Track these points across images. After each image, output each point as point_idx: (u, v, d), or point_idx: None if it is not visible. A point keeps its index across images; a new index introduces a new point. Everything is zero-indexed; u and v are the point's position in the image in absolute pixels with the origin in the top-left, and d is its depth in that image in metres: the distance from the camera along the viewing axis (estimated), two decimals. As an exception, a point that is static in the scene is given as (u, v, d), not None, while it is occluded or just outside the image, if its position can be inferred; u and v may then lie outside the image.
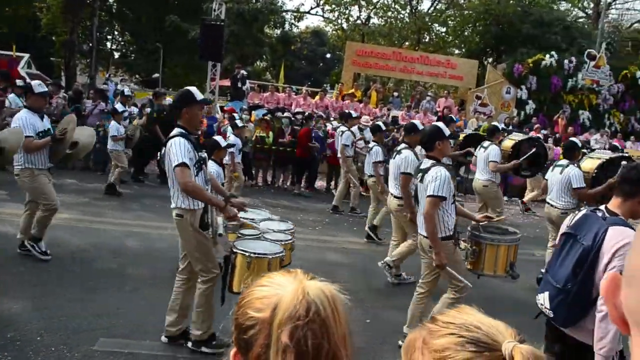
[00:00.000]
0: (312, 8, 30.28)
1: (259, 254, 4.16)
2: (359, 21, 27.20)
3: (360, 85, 20.70)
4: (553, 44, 23.47)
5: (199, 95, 4.45)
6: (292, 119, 14.01)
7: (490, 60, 26.09)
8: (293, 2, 63.86)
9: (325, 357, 1.08)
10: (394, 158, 6.61)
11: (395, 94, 21.51)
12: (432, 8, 27.68)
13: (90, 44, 26.11)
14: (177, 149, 4.17)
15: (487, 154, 8.54)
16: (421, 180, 4.67)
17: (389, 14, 26.67)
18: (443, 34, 27.50)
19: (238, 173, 10.37)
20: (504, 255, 5.00)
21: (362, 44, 23.09)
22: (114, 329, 4.79)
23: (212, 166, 5.97)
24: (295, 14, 31.31)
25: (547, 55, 20.14)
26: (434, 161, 4.69)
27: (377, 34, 26.25)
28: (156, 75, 24.76)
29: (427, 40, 27.01)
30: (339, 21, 27.90)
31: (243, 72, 17.42)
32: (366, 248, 8.61)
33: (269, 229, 4.81)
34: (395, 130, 15.10)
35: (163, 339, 4.58)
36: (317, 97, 17.45)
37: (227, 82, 19.71)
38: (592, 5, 32.34)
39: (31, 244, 6.28)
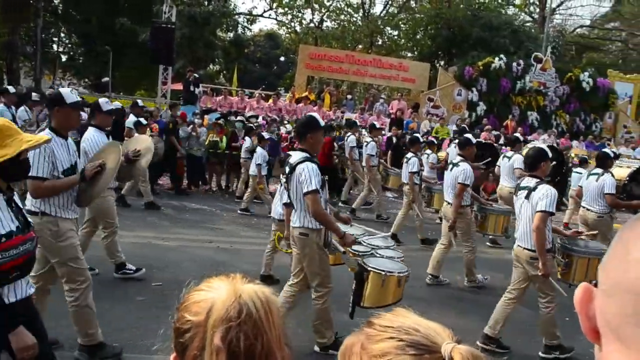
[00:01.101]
0: (265, 11, 30.14)
1: (391, 272, 4.50)
2: (312, 24, 27.20)
3: (314, 88, 20.71)
4: (502, 47, 24.04)
5: (322, 122, 4.94)
6: (246, 122, 13.87)
7: (442, 63, 26.51)
8: (246, 5, 63.48)
9: (259, 358, 1.11)
10: (451, 170, 7.18)
11: (349, 96, 21.58)
12: (384, 12, 27.94)
13: (35, 46, 25.25)
14: (310, 175, 4.44)
15: (511, 163, 9.46)
16: (527, 197, 5.08)
17: (342, 17, 26.78)
18: (395, 37, 27.77)
19: (263, 185, 10.76)
20: (593, 266, 5.37)
21: (315, 47, 23.08)
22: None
23: None
24: (248, 17, 31.14)
25: (497, 58, 20.58)
26: (538, 179, 5.13)
27: (330, 37, 26.29)
28: (106, 79, 24.09)
29: (380, 43, 27.21)
30: (292, 24, 27.87)
31: (195, 75, 17.15)
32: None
33: (374, 245, 5.14)
34: (352, 132, 15.14)
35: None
36: (271, 101, 17.34)
37: (179, 86, 19.37)
38: (537, 10, 33.31)
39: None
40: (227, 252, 7.96)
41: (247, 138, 11.91)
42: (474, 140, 7.60)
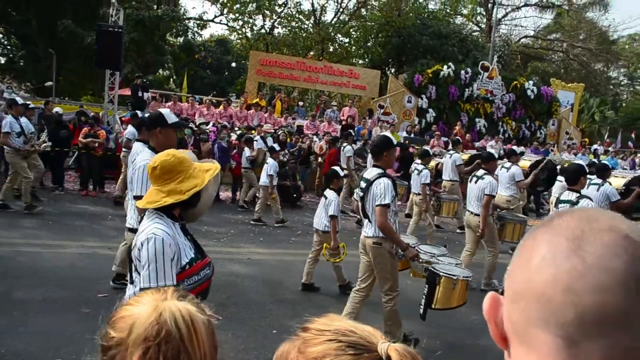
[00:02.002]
0: (216, 16, 29.73)
1: (463, 277, 5.08)
2: (263, 30, 27.07)
3: (265, 95, 20.58)
4: (450, 55, 24.54)
5: (395, 140, 5.34)
6: (195, 129, 13.65)
7: (392, 70, 26.83)
8: (196, 10, 62.74)
9: None
10: (476, 182, 7.68)
11: (300, 103, 21.58)
12: (335, 19, 28.06)
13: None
14: (385, 191, 4.91)
15: (510, 174, 10.14)
16: (576, 203, 5.84)
17: (293, 24, 26.75)
18: (346, 44, 27.93)
19: (275, 195, 11.09)
20: None
21: (266, 53, 22.98)
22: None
23: None
24: (198, 22, 30.74)
25: (445, 66, 20.99)
26: (578, 193, 5.97)
27: (281, 44, 26.23)
28: (49, 83, 23.23)
29: (331, 50, 27.34)
30: (243, 30, 27.63)
31: (144, 80, 16.78)
32: (272, 258, 8.52)
33: (431, 252, 5.79)
34: (300, 140, 15.15)
35: None
36: (221, 107, 17.13)
37: (127, 91, 18.90)
38: (484, 20, 34.19)
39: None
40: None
41: (246, 148, 12.43)
42: (496, 155, 8.37)
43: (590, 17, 37.58)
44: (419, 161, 10.60)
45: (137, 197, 4.08)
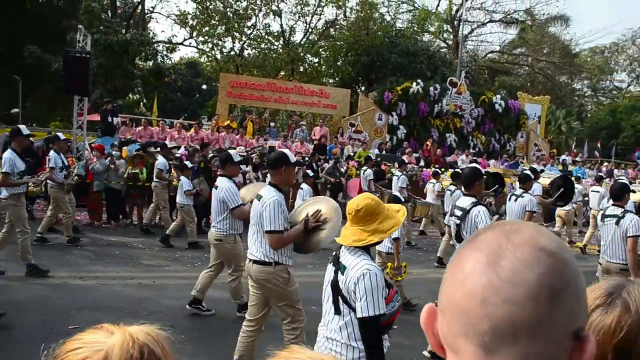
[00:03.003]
0: (185, 39, 29.67)
1: None
2: (232, 52, 27.12)
3: (236, 117, 20.57)
4: (419, 72, 24.87)
5: (482, 170, 5.87)
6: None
7: (362, 88, 27.08)
8: (165, 34, 62.54)
9: None
10: (515, 200, 8.14)
11: (272, 124, 21.62)
12: (304, 39, 28.27)
13: None
14: (485, 217, 5.26)
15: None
16: (616, 223, 6.17)
17: (263, 45, 26.86)
18: (316, 64, 28.13)
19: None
20: None
21: (236, 75, 23.03)
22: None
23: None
24: (167, 45, 30.67)
25: (414, 83, 21.27)
26: (623, 208, 6.29)
27: (251, 65, 26.29)
28: (15, 110, 22.86)
29: (301, 70, 27.50)
30: (213, 52, 27.65)
31: (114, 105, 16.63)
32: (246, 281, 8.39)
33: None
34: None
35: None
36: (192, 130, 17.05)
37: (96, 117, 18.69)
38: (451, 36, 34.80)
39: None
40: (149, 288, 7.64)
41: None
42: (532, 176, 8.80)
43: (552, 32, 38.57)
44: (450, 181, 11.89)
45: (269, 232, 4.36)
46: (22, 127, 8.05)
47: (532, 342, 0.72)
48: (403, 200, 8.97)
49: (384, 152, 18.68)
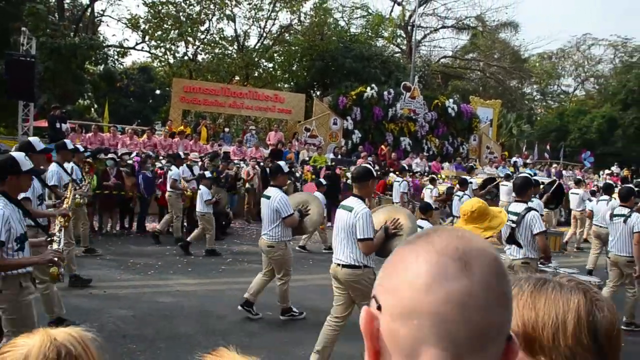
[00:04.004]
0: (137, 43, 29.03)
1: (596, 282, 6.54)
2: (186, 57, 26.74)
3: (190, 122, 20.32)
4: (373, 77, 25.06)
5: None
6: (118, 160, 13.25)
7: (317, 93, 27.12)
8: (116, 37, 61.23)
9: None
10: (625, 222, 8.34)
11: (226, 129, 21.40)
12: (259, 44, 28.12)
13: None
14: (539, 220, 6.03)
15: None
16: (624, 222, 7.18)
17: (217, 50, 26.57)
18: (271, 69, 28.03)
19: (324, 225, 11.64)
20: None
21: (189, 80, 22.71)
22: None
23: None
24: (119, 49, 30.02)
25: (368, 88, 21.43)
26: (630, 209, 7.30)
27: (205, 70, 25.98)
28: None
29: (256, 75, 27.34)
30: (166, 57, 27.18)
31: (62, 111, 16.11)
32: (201, 289, 8.33)
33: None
34: (227, 166, 14.98)
35: None
36: (145, 136, 16.72)
37: (44, 123, 18.11)
38: (405, 42, 35.26)
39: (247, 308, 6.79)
40: (101, 298, 7.44)
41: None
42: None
43: (502, 38, 39.52)
44: (458, 187, 12.42)
45: (363, 240, 4.92)
46: (68, 141, 8.45)
47: (494, 346, 0.75)
48: (434, 207, 9.90)
49: (339, 157, 18.74)
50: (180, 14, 25.45)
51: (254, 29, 28.07)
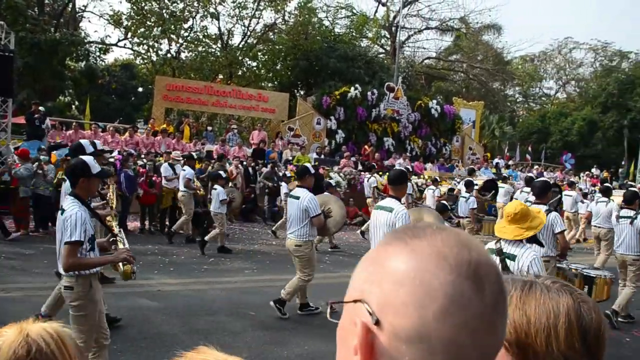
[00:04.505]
0: (119, 40, 28.71)
1: (610, 276, 6.72)
2: (169, 55, 26.53)
3: (173, 120, 20.17)
4: (357, 77, 25.10)
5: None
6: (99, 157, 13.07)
7: (301, 92, 27.08)
8: (98, 34, 60.41)
9: None
10: (631, 223, 8.51)
11: (209, 128, 21.27)
12: (243, 42, 28.00)
13: None
14: (560, 222, 6.49)
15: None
16: (631, 223, 7.62)
17: (200, 48, 26.40)
18: (254, 68, 27.93)
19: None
20: None
21: (172, 78, 22.54)
22: None
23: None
24: (100, 46, 29.66)
25: (352, 88, 21.43)
26: (635, 211, 7.72)
27: (188, 68, 25.79)
28: None
29: (239, 74, 27.22)
30: (149, 54, 26.94)
31: (41, 108, 15.88)
32: (184, 288, 8.26)
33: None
34: (210, 165, 14.91)
35: None
36: (127, 134, 16.55)
37: (23, 120, 17.83)
38: (389, 42, 35.36)
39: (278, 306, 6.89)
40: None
41: (284, 184, 13.87)
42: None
43: (486, 40, 39.81)
44: (464, 189, 12.97)
45: None
46: (97, 142, 8.47)
47: None
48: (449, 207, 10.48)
49: (322, 156, 18.73)
50: (164, 11, 25.25)
51: (238, 27, 27.97)
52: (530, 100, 50.71)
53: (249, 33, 27.97)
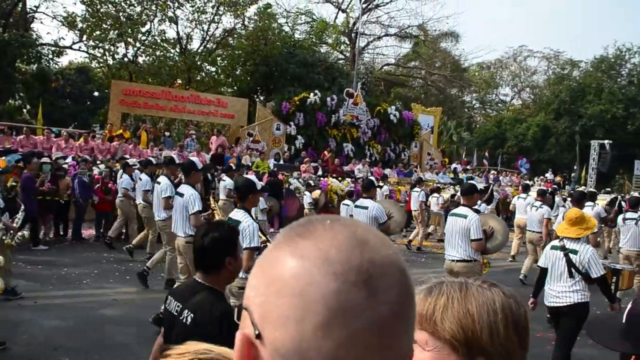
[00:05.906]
0: (74, 43, 28.00)
1: (631, 269, 7.84)
2: (126, 59, 26.04)
3: (130, 126, 19.79)
4: (317, 83, 25.17)
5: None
6: (52, 164, 12.73)
7: (261, 98, 26.98)
8: (51, 36, 58.78)
9: None
10: (636, 224, 9.86)
11: (167, 133, 20.94)
12: (202, 47, 27.73)
13: None
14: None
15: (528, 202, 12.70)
16: (636, 224, 9.10)
17: (158, 52, 25.98)
18: (214, 73, 27.69)
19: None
20: None
21: (129, 82, 22.15)
22: None
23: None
24: (54, 48, 28.86)
25: (312, 94, 21.47)
26: (638, 212, 9.22)
27: (146, 73, 25.36)
28: None
29: (198, 79, 26.94)
30: (105, 58, 26.37)
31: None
32: (139, 297, 8.13)
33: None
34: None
35: None
36: (82, 140, 16.16)
37: (-31, 125, 17.21)
38: (348, 49, 35.58)
39: None
40: (31, 309, 7.09)
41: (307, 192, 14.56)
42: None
43: (444, 47, 40.45)
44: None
45: (476, 240, 6.30)
46: (175, 156, 9.42)
47: None
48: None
49: (281, 162, 18.68)
50: (120, 14, 24.76)
51: (197, 32, 27.66)
52: (487, 107, 51.79)
53: (208, 38, 27.72)
